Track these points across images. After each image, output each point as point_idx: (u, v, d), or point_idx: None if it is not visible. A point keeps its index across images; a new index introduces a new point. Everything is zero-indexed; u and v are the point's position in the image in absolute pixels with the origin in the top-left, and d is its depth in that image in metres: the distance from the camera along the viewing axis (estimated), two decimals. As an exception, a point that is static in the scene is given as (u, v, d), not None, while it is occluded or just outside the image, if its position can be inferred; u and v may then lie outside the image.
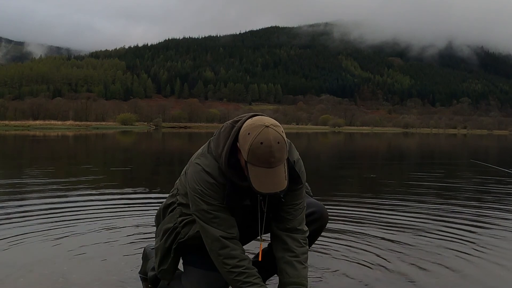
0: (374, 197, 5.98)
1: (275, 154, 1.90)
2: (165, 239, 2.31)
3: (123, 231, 3.84)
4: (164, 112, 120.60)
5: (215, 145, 2.11)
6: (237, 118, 2.11)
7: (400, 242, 3.60)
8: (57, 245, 3.39)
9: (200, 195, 2.07)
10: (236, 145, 2.02)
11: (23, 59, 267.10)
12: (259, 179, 1.93)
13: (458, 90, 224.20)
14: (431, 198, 5.96)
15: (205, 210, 2.08)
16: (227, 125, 2.11)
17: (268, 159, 1.90)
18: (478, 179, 8.68)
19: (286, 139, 1.97)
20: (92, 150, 19.35)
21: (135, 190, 6.26)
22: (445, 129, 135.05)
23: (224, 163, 2.03)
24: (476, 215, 4.78)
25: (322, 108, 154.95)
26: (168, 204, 2.39)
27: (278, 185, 1.94)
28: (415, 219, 4.47)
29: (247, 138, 1.93)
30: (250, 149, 1.91)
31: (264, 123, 1.94)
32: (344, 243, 3.53)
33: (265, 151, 1.89)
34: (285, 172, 1.96)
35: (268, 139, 1.90)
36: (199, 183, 2.07)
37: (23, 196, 5.64)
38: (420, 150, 23.18)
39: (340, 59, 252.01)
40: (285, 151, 1.95)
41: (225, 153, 2.03)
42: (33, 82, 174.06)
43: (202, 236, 2.14)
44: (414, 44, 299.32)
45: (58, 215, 4.39)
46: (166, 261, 2.32)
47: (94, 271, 2.81)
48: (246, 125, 1.98)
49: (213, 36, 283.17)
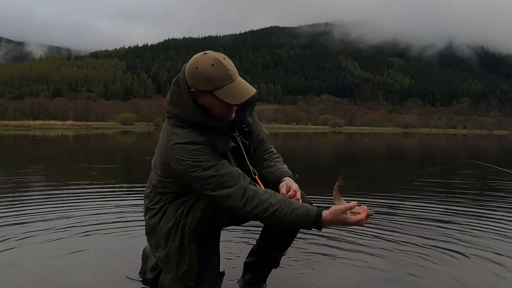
0: (374, 197, 5.98)
1: (229, 67, 2.01)
2: (171, 240, 2.21)
3: (123, 231, 3.83)
4: (164, 112, 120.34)
5: (175, 112, 2.11)
6: (173, 81, 2.13)
7: (400, 242, 3.60)
8: (57, 245, 3.38)
9: (197, 166, 2.02)
10: (193, 97, 2.06)
11: (23, 59, 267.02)
12: (230, 94, 2.00)
13: (458, 90, 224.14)
14: (431, 198, 5.95)
15: (212, 175, 2.02)
16: (171, 90, 2.12)
17: (227, 73, 1.99)
18: (478, 179, 8.68)
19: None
20: (92, 150, 19.34)
21: (136, 190, 6.25)
22: (445, 129, 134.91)
23: (196, 112, 2.05)
24: (476, 215, 4.78)
25: (322, 108, 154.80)
26: (154, 214, 2.28)
27: (249, 90, 2.03)
28: (415, 219, 4.47)
29: (198, 72, 1.99)
30: (208, 76, 1.98)
31: (200, 54, 2.05)
32: (342, 245, 3.53)
33: (220, 69, 1.98)
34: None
35: (215, 59, 2.00)
36: (188, 157, 2.03)
37: (23, 196, 5.63)
38: (420, 151, 23.17)
39: (340, 59, 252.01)
40: (233, 64, 2.05)
41: (190, 104, 2.05)
42: (33, 82, 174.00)
43: (225, 205, 2.06)
44: (414, 44, 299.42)
45: (58, 215, 4.38)
46: (184, 260, 2.20)
47: (94, 271, 2.80)
48: (188, 68, 2.04)
49: (213, 36, 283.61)
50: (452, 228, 4.11)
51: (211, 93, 2.01)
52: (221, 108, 2.06)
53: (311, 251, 3.29)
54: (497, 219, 4.56)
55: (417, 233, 3.90)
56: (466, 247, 3.46)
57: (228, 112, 2.09)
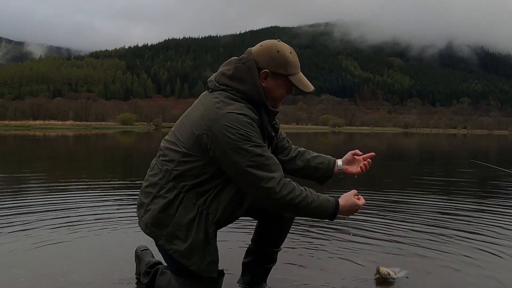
0: (374, 197, 5.98)
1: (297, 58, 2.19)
2: (195, 231, 2.08)
3: (123, 231, 3.84)
4: (164, 112, 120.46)
5: (234, 86, 2.10)
6: (235, 58, 2.19)
7: (399, 241, 3.60)
8: (57, 245, 3.39)
9: (249, 140, 1.98)
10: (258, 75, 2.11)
11: (23, 59, 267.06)
12: (304, 83, 2.15)
13: (458, 90, 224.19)
14: (431, 199, 5.95)
15: (260, 153, 1.99)
16: (236, 66, 2.13)
17: (298, 62, 2.17)
18: (478, 178, 8.68)
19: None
20: (92, 150, 19.35)
21: (137, 190, 6.25)
22: (445, 129, 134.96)
23: (260, 91, 2.09)
24: (475, 214, 4.78)
25: (322, 108, 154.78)
26: (166, 203, 2.11)
27: (310, 84, 2.20)
28: (415, 220, 4.47)
29: (279, 56, 2.09)
30: (289, 61, 2.10)
31: (274, 41, 2.16)
32: (339, 243, 3.53)
33: (296, 58, 2.16)
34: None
35: (290, 47, 2.16)
36: (244, 129, 1.99)
37: (23, 196, 5.63)
38: (420, 150, 23.17)
39: (340, 59, 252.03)
40: None
41: (257, 82, 2.09)
42: (33, 82, 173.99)
43: (261, 187, 1.99)
44: (414, 44, 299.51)
45: (57, 215, 4.38)
46: (209, 251, 2.11)
47: (94, 271, 2.81)
48: (266, 51, 2.12)
49: (213, 36, 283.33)
50: (453, 227, 4.11)
51: (286, 77, 2.11)
52: (280, 93, 2.16)
53: (312, 248, 3.29)
54: (497, 219, 4.57)
55: (417, 233, 3.90)
56: (467, 246, 3.47)
57: (281, 100, 2.21)
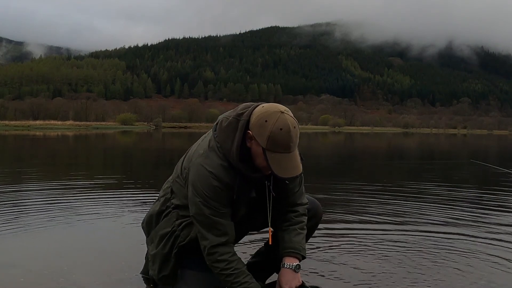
0: (374, 196, 5.98)
1: (293, 139, 1.96)
2: (163, 244, 2.27)
3: (123, 231, 3.84)
4: (164, 112, 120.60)
5: (221, 140, 2.07)
6: (239, 111, 2.08)
7: (399, 241, 3.60)
8: (57, 245, 3.39)
9: (203, 199, 2.06)
10: (245, 137, 2.03)
11: (23, 59, 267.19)
12: (280, 165, 1.96)
13: (458, 90, 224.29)
14: (431, 199, 5.95)
15: (206, 215, 2.07)
16: (231, 120, 2.07)
17: (288, 144, 1.94)
18: (478, 178, 8.67)
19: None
20: (92, 150, 19.34)
21: (137, 190, 6.25)
22: (445, 129, 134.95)
23: (236, 157, 2.03)
24: (475, 215, 4.78)
25: (322, 108, 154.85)
26: (160, 210, 2.35)
27: (297, 169, 2.00)
28: (415, 219, 4.47)
29: (264, 125, 1.94)
30: (270, 136, 1.93)
31: (279, 109, 1.98)
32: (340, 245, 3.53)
33: (285, 137, 1.93)
34: (299, 155, 2.05)
35: (286, 124, 1.94)
36: (204, 187, 2.05)
37: (23, 196, 5.63)
38: (420, 150, 23.17)
39: (340, 59, 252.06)
40: (298, 135, 2.01)
41: (236, 147, 2.02)
42: (33, 82, 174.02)
43: (198, 237, 2.15)
44: (414, 44, 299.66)
45: (57, 215, 4.38)
46: (167, 266, 2.28)
47: (94, 271, 2.81)
48: (259, 114, 1.98)
49: (213, 36, 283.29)
50: (452, 228, 4.11)
51: (263, 149, 1.98)
52: (261, 163, 2.03)
53: (309, 253, 3.29)
54: (496, 219, 4.58)
55: (417, 233, 3.91)
56: (466, 247, 3.47)
57: (265, 170, 2.05)
